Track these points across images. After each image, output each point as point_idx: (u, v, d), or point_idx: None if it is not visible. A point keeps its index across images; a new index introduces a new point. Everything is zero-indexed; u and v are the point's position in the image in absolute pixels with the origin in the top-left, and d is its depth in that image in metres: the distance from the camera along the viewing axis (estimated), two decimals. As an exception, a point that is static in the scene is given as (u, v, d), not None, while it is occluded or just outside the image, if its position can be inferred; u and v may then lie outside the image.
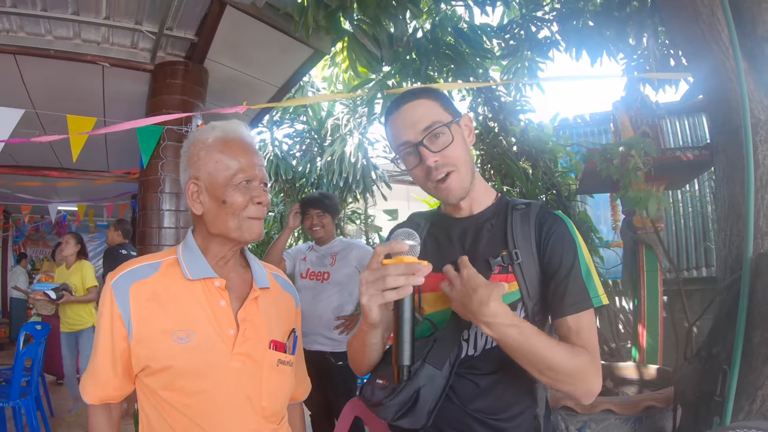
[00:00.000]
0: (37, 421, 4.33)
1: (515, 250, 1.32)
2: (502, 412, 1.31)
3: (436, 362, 1.25)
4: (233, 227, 1.33)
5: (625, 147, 3.19)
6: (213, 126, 1.39)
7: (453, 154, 1.32)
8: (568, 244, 1.32)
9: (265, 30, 4.01)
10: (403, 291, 1.12)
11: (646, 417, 2.67)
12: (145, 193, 4.22)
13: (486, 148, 4.95)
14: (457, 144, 1.33)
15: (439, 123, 1.32)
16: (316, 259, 3.62)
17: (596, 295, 1.29)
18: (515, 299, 1.31)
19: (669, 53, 3.97)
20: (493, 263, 1.32)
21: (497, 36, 4.51)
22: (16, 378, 4.23)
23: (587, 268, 1.30)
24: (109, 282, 1.33)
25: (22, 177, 7.58)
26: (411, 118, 1.34)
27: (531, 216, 1.37)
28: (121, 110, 5.19)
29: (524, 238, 1.34)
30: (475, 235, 1.40)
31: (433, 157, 1.31)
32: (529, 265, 1.32)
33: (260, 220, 1.37)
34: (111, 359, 1.32)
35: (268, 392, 1.36)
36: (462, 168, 1.34)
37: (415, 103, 1.35)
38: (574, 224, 1.38)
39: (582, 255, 1.31)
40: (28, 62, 4.29)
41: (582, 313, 1.27)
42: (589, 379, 1.23)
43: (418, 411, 1.23)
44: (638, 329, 3.74)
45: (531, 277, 1.31)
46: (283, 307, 1.51)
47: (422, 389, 1.23)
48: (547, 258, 1.32)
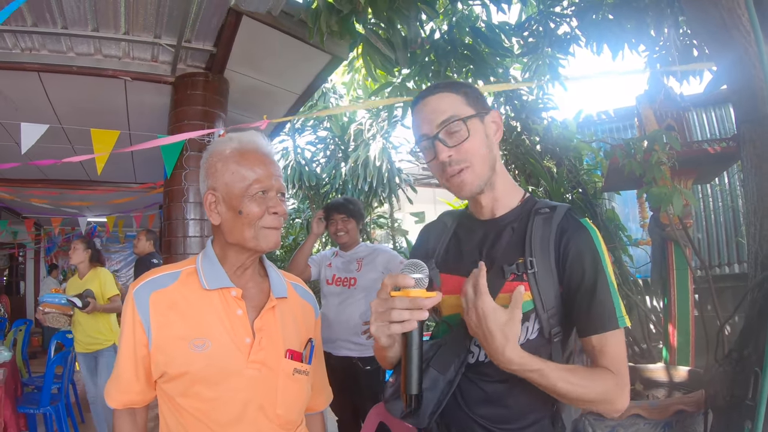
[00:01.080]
0: (67, 427, 4.45)
1: (530, 259, 1.27)
2: (511, 421, 1.29)
3: (441, 367, 1.26)
4: (250, 237, 1.35)
5: (648, 141, 3.11)
6: (230, 137, 1.41)
7: (468, 149, 1.29)
8: (591, 256, 1.25)
9: (283, 38, 4.03)
10: (408, 325, 1.11)
11: (676, 421, 2.59)
12: (170, 203, 4.27)
13: (509, 147, 4.90)
14: (475, 140, 1.30)
15: (455, 117, 1.29)
16: (341, 265, 3.61)
17: (621, 315, 1.22)
18: (528, 309, 1.26)
19: (691, 43, 3.89)
20: (507, 270, 1.28)
21: (516, 34, 4.46)
22: (47, 385, 4.35)
23: (612, 285, 1.24)
24: (131, 290, 1.37)
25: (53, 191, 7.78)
26: (430, 111, 1.33)
27: (553, 222, 1.30)
28: (144, 122, 5.29)
29: (543, 246, 1.28)
30: (495, 239, 1.36)
31: (447, 152, 1.30)
32: (545, 275, 1.26)
33: (277, 229, 1.38)
34: (133, 365, 1.36)
35: (283, 400, 1.37)
36: (477, 165, 1.31)
37: (438, 96, 1.33)
38: (598, 228, 1.31)
39: (607, 270, 1.24)
40: (51, 79, 4.39)
41: (607, 334, 1.22)
42: (614, 400, 1.20)
43: (421, 413, 1.25)
44: (669, 329, 3.64)
45: (546, 288, 1.26)
46: (300, 316, 1.52)
47: (425, 392, 1.23)
48: (568, 270, 1.26)
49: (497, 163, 1.36)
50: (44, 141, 3.73)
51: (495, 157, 1.35)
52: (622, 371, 1.21)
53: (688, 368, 3.23)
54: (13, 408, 4.05)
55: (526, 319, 1.26)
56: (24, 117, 4.17)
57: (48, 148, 4.43)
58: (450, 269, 1.41)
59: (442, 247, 1.47)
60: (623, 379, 1.21)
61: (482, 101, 1.36)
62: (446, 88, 1.35)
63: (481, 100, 1.36)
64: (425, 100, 1.35)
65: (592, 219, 4.42)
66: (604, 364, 1.22)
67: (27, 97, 4.75)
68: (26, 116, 4.47)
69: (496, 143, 1.36)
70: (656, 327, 4.32)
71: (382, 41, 3.03)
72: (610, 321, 1.21)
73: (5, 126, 5.07)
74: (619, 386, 1.20)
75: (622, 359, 1.22)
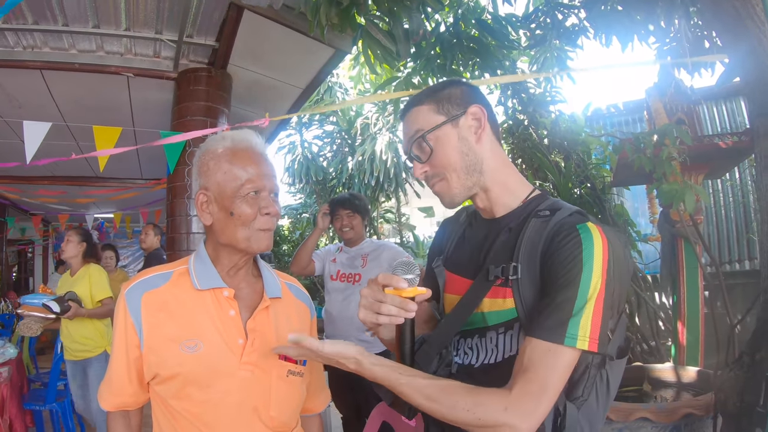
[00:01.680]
0: (73, 424, 4.43)
1: (514, 264, 1.16)
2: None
3: (423, 362, 1.23)
4: (242, 238, 1.31)
5: (658, 135, 3.03)
6: (223, 136, 1.38)
7: (438, 162, 1.25)
8: (572, 266, 1.07)
9: (285, 32, 4.00)
10: (395, 320, 1.15)
11: (685, 425, 2.52)
12: (173, 200, 4.27)
13: (516, 141, 4.84)
14: (444, 150, 1.25)
15: (420, 132, 1.25)
16: (346, 261, 3.58)
17: (573, 335, 1.03)
18: (511, 317, 1.17)
19: (703, 35, 3.80)
20: (491, 273, 1.19)
21: (523, 26, 4.39)
22: (53, 382, 4.35)
23: (584, 299, 1.05)
24: (123, 291, 1.35)
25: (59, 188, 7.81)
26: (405, 128, 1.32)
27: (548, 227, 1.16)
28: (148, 118, 5.28)
29: (531, 252, 1.16)
30: (493, 240, 1.28)
31: (420, 168, 1.28)
32: (529, 283, 1.15)
33: (269, 231, 1.35)
34: (126, 366, 1.33)
35: (276, 402, 1.34)
36: (451, 175, 1.25)
37: (411, 112, 1.30)
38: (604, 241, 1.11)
39: (586, 281, 1.06)
40: (54, 76, 4.39)
41: (548, 344, 1.04)
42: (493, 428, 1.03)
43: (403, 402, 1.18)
44: (678, 327, 3.58)
45: (529, 297, 1.14)
46: (295, 316, 1.49)
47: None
48: (546, 276, 1.12)
49: (486, 163, 1.27)
50: (49, 138, 3.72)
51: (479, 159, 1.26)
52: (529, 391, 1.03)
53: (697, 369, 3.16)
54: (19, 405, 4.04)
55: (509, 328, 1.18)
56: (28, 115, 4.18)
57: (53, 146, 4.41)
58: (454, 268, 1.36)
59: (452, 244, 1.43)
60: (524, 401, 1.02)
61: (457, 102, 1.27)
62: (418, 101, 1.30)
63: (455, 101, 1.27)
64: (403, 118, 1.33)
65: (600, 214, 4.36)
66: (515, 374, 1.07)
67: (30, 95, 4.76)
68: (30, 114, 4.48)
69: (480, 141, 1.26)
70: (665, 324, 4.24)
71: (383, 33, 2.98)
72: (550, 330, 1.04)
73: (9, 124, 5.08)
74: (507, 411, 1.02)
75: (536, 377, 1.03)
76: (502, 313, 1.19)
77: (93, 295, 4.17)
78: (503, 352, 1.20)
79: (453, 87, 1.30)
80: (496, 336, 1.21)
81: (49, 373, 4.54)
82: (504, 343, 1.19)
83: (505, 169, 1.31)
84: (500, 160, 1.30)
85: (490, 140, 1.28)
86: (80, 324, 4.04)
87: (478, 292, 1.21)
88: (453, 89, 1.29)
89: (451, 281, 1.35)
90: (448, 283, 1.37)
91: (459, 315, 1.24)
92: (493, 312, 1.20)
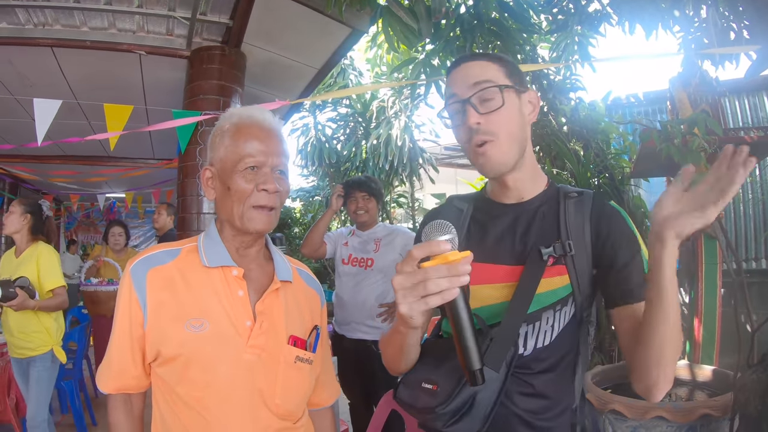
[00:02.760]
0: (79, 402, 4.42)
1: (569, 242, 1.23)
2: (548, 411, 1.23)
3: (493, 364, 1.13)
4: (237, 215, 1.28)
5: (687, 125, 2.93)
6: (231, 113, 1.35)
7: (498, 121, 1.21)
8: (629, 237, 1.23)
9: (301, 10, 3.91)
10: (448, 294, 0.93)
11: (701, 425, 2.47)
12: (184, 179, 4.21)
13: (535, 128, 4.75)
14: (508, 112, 1.22)
15: (491, 83, 1.21)
16: (358, 245, 3.51)
17: None
18: (567, 293, 1.23)
19: (729, 25, 3.67)
20: (545, 253, 1.21)
21: (545, 10, 4.28)
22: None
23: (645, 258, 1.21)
24: (128, 267, 1.30)
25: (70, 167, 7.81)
26: (466, 73, 1.25)
27: (585, 207, 1.27)
28: (160, 97, 5.23)
29: (578, 230, 1.25)
30: (528, 223, 1.29)
31: (476, 117, 1.21)
32: (581, 258, 1.23)
33: (267, 209, 1.28)
34: (129, 346, 1.28)
35: (283, 389, 1.29)
36: (504, 140, 1.22)
37: (478, 62, 1.26)
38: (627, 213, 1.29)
39: (643, 252, 1.22)
40: (65, 54, 4.34)
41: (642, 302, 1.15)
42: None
43: (474, 416, 1.12)
44: (694, 324, 3.50)
45: (582, 271, 1.23)
46: (305, 302, 1.44)
47: (479, 393, 1.13)
48: (608, 251, 1.22)
49: (527, 144, 1.30)
50: (60, 117, 3.68)
51: (525, 138, 1.28)
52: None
53: (712, 368, 3.09)
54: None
55: (564, 304, 1.23)
56: (39, 93, 4.15)
57: (65, 125, 4.38)
58: (482, 257, 1.28)
59: (461, 234, 1.36)
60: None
61: (522, 78, 1.29)
62: (488, 57, 1.28)
63: (521, 77, 1.28)
64: (464, 64, 1.28)
65: (619, 205, 4.27)
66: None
67: (41, 73, 4.72)
68: (41, 92, 4.46)
69: (528, 124, 1.29)
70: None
71: (405, 11, 2.88)
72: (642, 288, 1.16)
73: (21, 103, 5.05)
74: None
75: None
76: (558, 291, 1.22)
77: (42, 282, 3.43)
78: (558, 329, 1.23)
79: (514, 63, 1.30)
80: (553, 315, 1.23)
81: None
82: (560, 319, 1.23)
83: (534, 158, 1.35)
84: (531, 149, 1.34)
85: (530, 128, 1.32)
86: (23, 317, 3.34)
87: (535, 274, 1.21)
88: (515, 65, 1.30)
89: (480, 271, 1.26)
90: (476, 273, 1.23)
91: (521, 302, 1.20)
92: (549, 292, 1.22)
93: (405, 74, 3.94)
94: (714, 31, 3.52)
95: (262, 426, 1.26)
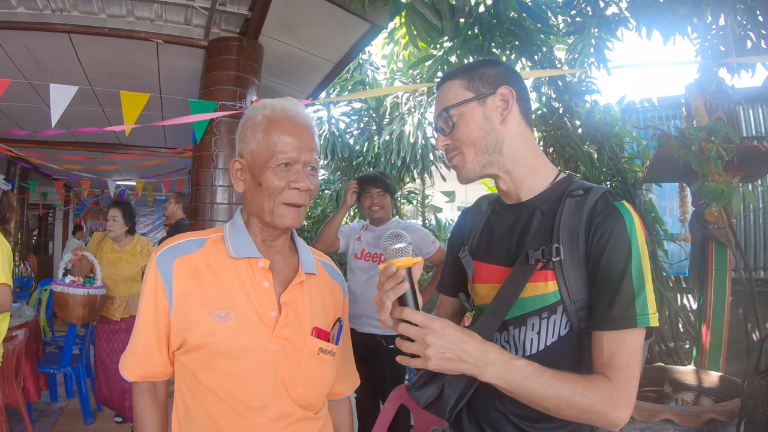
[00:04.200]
0: (86, 387, 4.47)
1: (556, 246, 1.16)
2: (541, 421, 1.19)
3: None
4: (267, 211, 1.29)
5: (705, 133, 2.92)
6: (264, 104, 1.33)
7: (458, 136, 1.28)
8: (621, 245, 1.11)
9: (320, 4, 3.92)
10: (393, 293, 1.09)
11: (708, 430, 2.49)
12: (199, 169, 4.22)
13: (549, 129, 4.74)
14: (467, 124, 1.27)
15: (447, 107, 1.28)
16: (371, 240, 3.53)
17: (644, 314, 1.08)
18: (555, 301, 1.17)
19: (746, 34, 3.66)
20: (531, 256, 1.18)
21: (563, 12, 4.28)
22: (68, 346, 4.38)
23: (641, 279, 1.09)
24: (154, 256, 1.31)
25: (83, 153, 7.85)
26: (438, 98, 1.34)
27: (586, 206, 1.18)
28: (176, 86, 5.25)
29: (572, 232, 1.17)
30: (526, 224, 1.28)
31: (442, 141, 1.32)
32: (572, 263, 1.16)
33: (297, 207, 1.30)
34: (155, 333, 1.29)
35: (305, 380, 1.31)
36: (467, 150, 1.28)
37: (445, 84, 1.33)
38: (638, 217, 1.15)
39: (637, 261, 1.10)
40: (82, 41, 4.35)
41: (622, 332, 1.08)
42: (604, 413, 1.06)
43: (442, 405, 1.26)
44: (702, 330, 3.49)
45: (574, 278, 1.15)
46: (329, 295, 1.46)
47: (446, 386, 1.25)
48: (594, 259, 1.13)
49: (508, 144, 1.28)
50: (74, 104, 3.69)
51: (500, 140, 1.27)
52: (621, 379, 1.07)
53: (719, 374, 3.11)
54: (33, 368, 4.07)
55: (552, 312, 1.18)
56: (55, 79, 4.17)
57: (79, 111, 4.39)
58: (482, 257, 1.34)
59: (476, 234, 1.41)
60: (621, 388, 1.06)
61: (489, 81, 1.28)
62: (453, 75, 1.33)
63: (488, 80, 1.28)
64: (438, 90, 1.36)
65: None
66: (601, 368, 1.09)
67: (58, 59, 4.73)
68: (57, 78, 4.48)
69: (504, 122, 1.27)
70: (685, 326, 4.16)
71: (428, 8, 2.89)
72: (623, 318, 1.08)
73: (36, 88, 5.06)
74: (612, 397, 1.05)
75: (624, 364, 1.07)
76: (544, 297, 1.18)
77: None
78: (546, 339, 1.19)
79: (489, 66, 1.31)
80: (539, 321, 1.19)
81: (64, 337, 4.57)
82: (547, 328, 1.19)
83: (532, 152, 1.31)
84: (526, 143, 1.31)
85: (517, 123, 1.29)
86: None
87: (520, 277, 1.19)
88: (489, 68, 1.30)
89: (481, 270, 1.34)
90: (477, 272, 1.35)
91: (502, 303, 1.21)
92: (535, 297, 1.19)
93: (421, 71, 3.95)
94: (732, 39, 3.51)
95: (285, 414, 1.27)
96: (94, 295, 3.88)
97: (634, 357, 1.08)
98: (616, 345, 1.08)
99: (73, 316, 3.85)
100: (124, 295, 4.27)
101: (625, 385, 1.06)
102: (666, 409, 2.50)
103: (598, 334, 1.11)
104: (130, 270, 4.32)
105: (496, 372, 1.05)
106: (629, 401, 1.06)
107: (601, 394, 1.05)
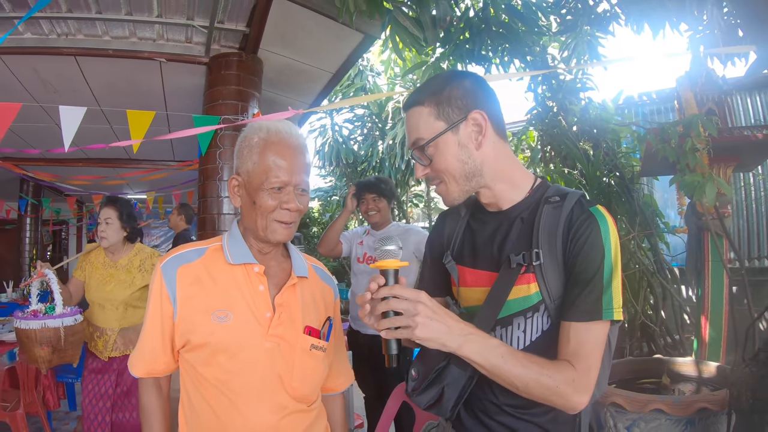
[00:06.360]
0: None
1: (536, 251, 1.24)
2: (534, 407, 1.26)
3: (461, 363, 1.24)
4: (260, 227, 1.40)
5: (684, 126, 2.98)
6: (260, 126, 1.44)
7: (439, 167, 1.30)
8: (596, 249, 1.20)
9: (314, 17, 4.03)
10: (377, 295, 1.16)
11: (699, 419, 2.48)
12: (204, 181, 4.34)
13: (544, 128, 4.80)
14: (445, 157, 1.29)
15: (422, 140, 1.30)
16: (373, 244, 3.60)
17: (609, 308, 1.17)
18: (537, 301, 1.25)
19: (736, 23, 3.70)
20: (513, 261, 1.26)
21: (553, 11, 4.34)
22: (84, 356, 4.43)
23: (609, 277, 1.19)
24: (158, 265, 1.44)
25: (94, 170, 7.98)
26: (408, 124, 1.36)
27: (563, 212, 1.25)
28: (181, 102, 5.36)
29: (550, 237, 1.25)
30: (506, 231, 1.34)
31: (422, 171, 1.34)
32: (551, 265, 1.24)
33: (288, 224, 1.41)
34: (161, 336, 1.42)
35: (299, 374, 1.42)
36: (449, 180, 1.31)
37: (411, 111, 1.34)
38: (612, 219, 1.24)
39: (609, 262, 1.19)
40: (88, 62, 4.50)
41: (588, 324, 1.17)
42: (566, 396, 1.15)
43: (443, 406, 1.30)
44: (701, 321, 3.52)
45: (553, 278, 1.24)
46: (320, 296, 1.58)
47: (446, 388, 1.29)
48: (571, 263, 1.22)
49: (487, 165, 1.31)
50: (84, 122, 3.80)
51: (479, 164, 1.30)
52: (583, 366, 1.16)
53: (716, 364, 3.10)
54: (52, 377, 4.19)
55: (535, 311, 1.26)
56: (63, 100, 4.26)
57: (88, 129, 4.49)
58: (467, 262, 1.41)
59: (457, 238, 1.46)
60: (583, 375, 1.15)
61: (458, 105, 1.28)
62: (419, 99, 1.32)
63: (456, 105, 1.28)
64: (406, 113, 1.37)
65: (628, 204, 4.31)
66: (566, 356, 1.18)
67: (65, 81, 4.88)
68: (65, 99, 4.58)
69: (480, 147, 1.29)
70: (690, 318, 4.18)
71: (410, 20, 2.98)
72: (590, 311, 1.17)
73: (46, 109, 5.20)
74: (574, 384, 1.14)
75: (588, 353, 1.17)
76: (528, 298, 1.26)
77: None
78: (531, 335, 1.27)
79: (454, 86, 1.29)
80: (524, 321, 1.27)
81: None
82: (531, 326, 1.27)
83: (509, 166, 1.35)
84: (503, 158, 1.34)
85: (492, 141, 1.31)
86: None
87: (506, 282, 1.27)
88: (454, 89, 1.29)
89: (465, 274, 1.40)
90: (462, 277, 1.41)
91: (492, 307, 1.28)
92: (519, 299, 1.26)
93: (418, 76, 4.03)
94: (718, 30, 3.56)
95: (280, 406, 1.39)
96: (53, 327, 2.73)
97: (597, 348, 1.18)
98: (582, 335, 1.17)
99: (33, 358, 2.76)
100: (115, 326, 3.17)
101: (587, 373, 1.16)
102: (657, 399, 2.51)
103: (567, 325, 1.19)
104: (123, 292, 3.20)
105: (475, 348, 1.13)
106: (588, 388, 1.16)
107: (566, 378, 1.14)
